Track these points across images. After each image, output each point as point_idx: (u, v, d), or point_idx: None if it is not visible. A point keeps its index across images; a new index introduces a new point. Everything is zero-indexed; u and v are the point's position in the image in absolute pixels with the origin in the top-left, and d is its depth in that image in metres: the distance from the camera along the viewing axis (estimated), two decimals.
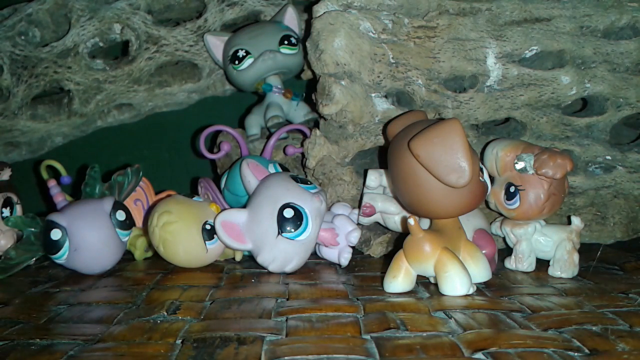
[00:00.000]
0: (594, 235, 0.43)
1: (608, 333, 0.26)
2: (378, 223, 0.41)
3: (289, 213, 0.35)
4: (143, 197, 0.45)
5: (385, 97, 0.41)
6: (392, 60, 0.40)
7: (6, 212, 0.41)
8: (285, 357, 0.23)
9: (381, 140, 0.41)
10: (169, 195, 0.42)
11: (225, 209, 0.39)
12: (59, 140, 0.51)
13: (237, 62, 0.48)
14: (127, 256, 0.42)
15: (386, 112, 0.40)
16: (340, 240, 0.38)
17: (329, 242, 0.38)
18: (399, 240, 0.40)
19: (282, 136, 0.48)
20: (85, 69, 0.47)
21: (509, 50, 0.40)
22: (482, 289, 0.34)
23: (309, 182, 0.37)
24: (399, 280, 0.33)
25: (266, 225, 0.35)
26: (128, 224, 0.39)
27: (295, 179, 0.37)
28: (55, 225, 0.36)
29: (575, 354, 0.24)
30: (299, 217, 0.35)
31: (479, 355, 0.24)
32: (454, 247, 0.33)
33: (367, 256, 0.42)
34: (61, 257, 0.37)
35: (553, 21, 0.40)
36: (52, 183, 0.41)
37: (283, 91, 0.49)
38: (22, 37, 0.46)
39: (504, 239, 0.40)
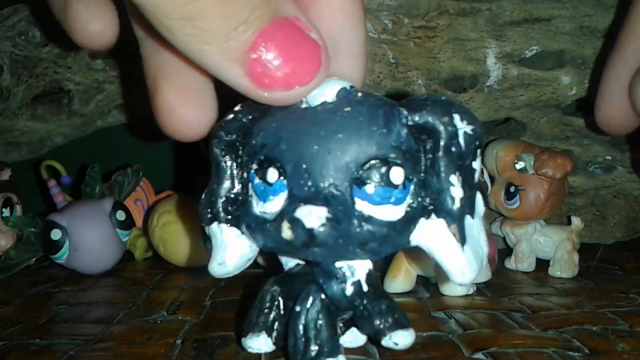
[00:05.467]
0: (594, 236, 0.43)
1: (608, 333, 0.26)
2: None
3: None
4: (143, 197, 0.45)
5: (386, 97, 0.41)
6: (392, 60, 0.40)
7: (6, 212, 0.41)
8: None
9: None
10: (169, 195, 0.42)
11: None
12: (59, 140, 0.50)
13: None
14: (127, 256, 0.42)
15: None
16: None
17: None
18: None
19: None
20: (85, 69, 0.47)
21: (509, 51, 0.40)
22: (482, 289, 0.34)
23: None
24: (399, 280, 0.33)
25: None
26: (128, 224, 0.39)
27: None
28: (55, 225, 0.36)
29: (575, 354, 0.24)
30: None
31: (479, 355, 0.24)
32: None
33: None
34: (61, 257, 0.37)
35: (553, 21, 0.40)
36: (52, 183, 0.41)
37: None
38: (22, 37, 0.46)
39: (504, 239, 0.40)
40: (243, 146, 0.20)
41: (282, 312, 0.21)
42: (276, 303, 0.21)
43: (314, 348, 0.19)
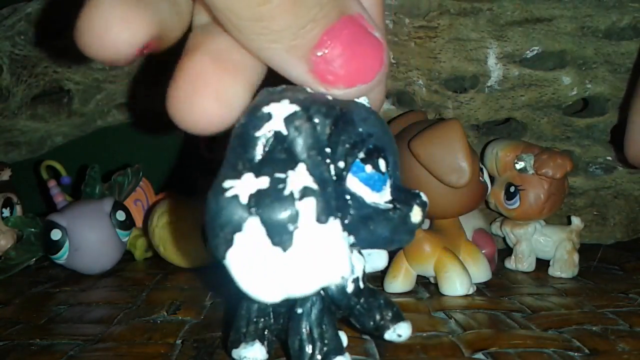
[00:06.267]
0: (594, 236, 0.43)
1: (608, 333, 0.26)
2: None
3: None
4: (143, 197, 0.45)
5: (386, 97, 0.41)
6: (393, 61, 0.40)
7: (6, 212, 0.41)
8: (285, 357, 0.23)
9: None
10: (169, 195, 0.42)
11: None
12: (59, 140, 0.50)
13: None
14: (127, 256, 0.42)
15: (386, 112, 0.40)
16: None
17: None
18: None
19: None
20: (84, 68, 0.47)
21: (510, 51, 0.40)
22: (482, 289, 0.34)
23: None
24: (399, 280, 0.33)
25: None
26: (128, 224, 0.39)
27: None
28: (55, 225, 0.36)
29: (575, 354, 0.24)
30: None
31: (479, 355, 0.24)
32: (454, 247, 0.33)
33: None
34: (61, 257, 0.37)
35: (554, 21, 0.40)
36: (52, 183, 0.41)
37: None
38: (22, 37, 0.46)
39: (504, 239, 0.40)
40: (336, 134, 0.17)
41: (272, 319, 0.21)
42: (266, 311, 0.21)
43: (321, 348, 0.19)
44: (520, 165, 0.37)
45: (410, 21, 0.40)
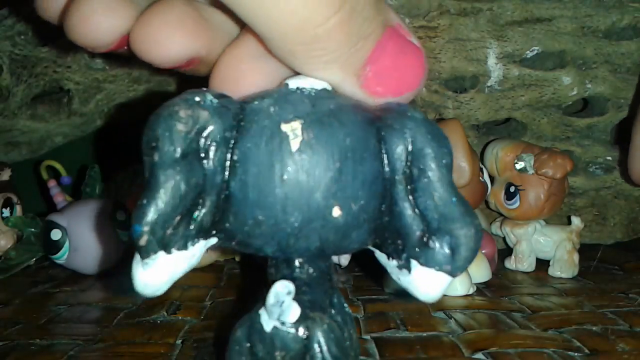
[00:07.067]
0: (594, 236, 0.43)
1: (608, 333, 0.26)
2: None
3: None
4: None
5: None
6: None
7: (6, 212, 0.41)
8: None
9: None
10: None
11: None
12: (59, 140, 0.50)
13: None
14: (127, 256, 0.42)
15: None
16: None
17: None
18: None
19: None
20: (84, 68, 0.47)
21: (510, 51, 0.40)
22: (482, 289, 0.34)
23: None
24: None
25: None
26: (128, 224, 0.39)
27: None
28: (55, 225, 0.36)
29: (575, 354, 0.24)
30: None
31: (479, 355, 0.24)
32: None
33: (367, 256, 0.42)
34: (61, 257, 0.37)
35: (554, 21, 0.40)
36: (52, 183, 0.41)
37: None
38: (22, 37, 0.46)
39: (504, 239, 0.40)
40: None
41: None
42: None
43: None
44: (520, 165, 0.37)
45: (410, 21, 0.39)
